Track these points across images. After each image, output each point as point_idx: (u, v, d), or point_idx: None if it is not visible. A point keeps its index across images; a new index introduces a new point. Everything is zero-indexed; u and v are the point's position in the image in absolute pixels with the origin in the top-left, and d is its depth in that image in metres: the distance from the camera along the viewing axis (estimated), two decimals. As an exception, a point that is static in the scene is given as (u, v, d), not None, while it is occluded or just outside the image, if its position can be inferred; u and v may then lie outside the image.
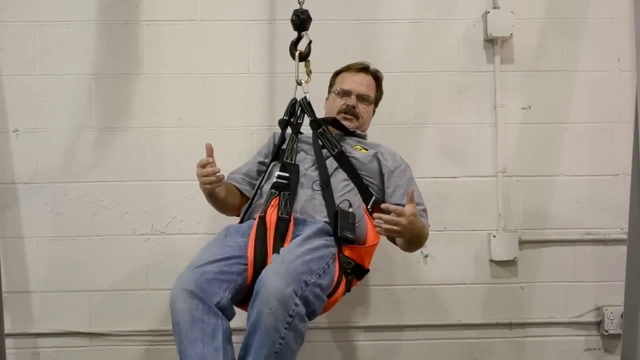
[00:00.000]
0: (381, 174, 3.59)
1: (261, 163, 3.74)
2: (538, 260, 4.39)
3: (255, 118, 4.36)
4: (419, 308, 4.35)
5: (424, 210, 3.50)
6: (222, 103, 4.37)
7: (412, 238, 3.28)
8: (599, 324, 4.39)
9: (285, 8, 4.28)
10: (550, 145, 4.43)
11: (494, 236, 4.33)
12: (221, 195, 3.49)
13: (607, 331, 4.34)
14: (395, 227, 3.05)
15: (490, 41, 4.43)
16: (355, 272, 3.29)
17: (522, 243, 4.37)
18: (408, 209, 3.08)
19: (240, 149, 4.27)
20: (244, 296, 3.04)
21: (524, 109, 4.44)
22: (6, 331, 4.06)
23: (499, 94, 4.41)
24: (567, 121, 4.44)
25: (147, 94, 4.36)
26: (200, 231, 4.29)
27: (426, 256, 4.33)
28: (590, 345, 4.39)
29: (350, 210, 3.30)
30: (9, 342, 4.11)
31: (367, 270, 3.41)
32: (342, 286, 3.17)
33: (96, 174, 4.31)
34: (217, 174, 3.29)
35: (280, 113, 3.94)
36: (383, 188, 3.57)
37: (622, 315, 3.97)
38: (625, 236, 3.96)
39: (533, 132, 4.43)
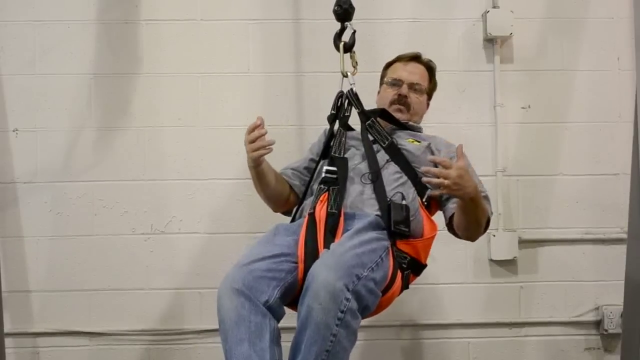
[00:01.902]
0: (435, 166, 3.28)
1: (312, 160, 3.56)
2: (537, 260, 4.39)
3: (255, 117, 4.33)
4: (419, 307, 4.36)
5: (486, 197, 3.27)
6: (222, 102, 4.37)
7: (468, 205, 3.06)
8: (598, 324, 4.39)
9: (285, 8, 4.32)
10: (549, 144, 4.43)
11: (494, 235, 4.33)
12: (270, 179, 3.35)
13: (606, 330, 4.35)
14: (444, 181, 2.87)
15: (489, 41, 4.43)
16: (411, 267, 3.14)
17: (522, 242, 4.37)
18: (457, 163, 2.94)
19: (240, 148, 4.19)
20: (295, 296, 2.89)
21: (523, 108, 4.44)
22: (6, 330, 4.08)
23: (499, 93, 4.41)
24: (566, 120, 4.44)
25: (146, 94, 4.37)
26: (200, 230, 4.30)
27: (426, 255, 4.33)
28: (589, 345, 4.39)
29: (404, 202, 3.15)
30: (8, 342, 4.12)
31: (425, 265, 3.25)
32: (399, 281, 3.02)
33: (96, 173, 4.32)
34: (268, 139, 3.12)
35: (279, 112, 3.96)
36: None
37: (621, 314, 3.97)
38: (624, 235, 3.97)
39: (533, 132, 4.43)
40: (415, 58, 3.68)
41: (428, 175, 2.95)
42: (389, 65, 3.73)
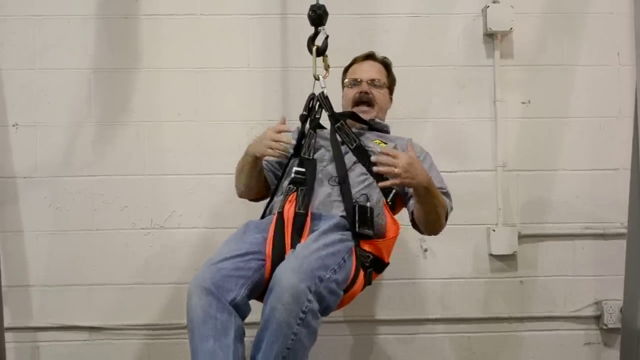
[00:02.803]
0: None
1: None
2: (537, 255, 4.39)
3: (255, 113, 4.36)
4: (418, 302, 4.36)
5: (446, 193, 3.44)
6: (222, 98, 4.37)
7: (423, 195, 3.20)
8: (598, 318, 4.39)
9: (285, 3, 4.32)
10: (549, 139, 4.43)
11: (494, 230, 4.33)
12: (258, 171, 3.52)
13: (606, 325, 4.35)
14: (394, 169, 3.05)
15: (490, 36, 4.43)
16: (374, 265, 3.24)
17: (522, 237, 4.37)
18: (406, 153, 3.12)
19: (240, 143, 4.24)
20: (262, 291, 2.99)
21: (523, 103, 4.44)
22: (6, 325, 4.07)
23: (499, 88, 4.41)
24: (566, 116, 4.44)
25: (146, 89, 4.37)
26: (199, 225, 4.30)
27: (425, 250, 4.34)
28: (589, 340, 4.39)
29: (368, 204, 3.26)
30: (8, 336, 4.12)
31: (387, 264, 3.36)
32: (361, 279, 3.15)
33: (96, 168, 4.32)
34: (286, 146, 3.31)
35: (279, 107, 3.97)
36: None
37: (621, 309, 3.98)
38: (624, 230, 3.97)
39: (533, 127, 4.43)
40: (370, 57, 3.85)
41: (379, 165, 3.10)
42: (346, 69, 3.89)
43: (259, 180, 3.58)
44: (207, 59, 4.39)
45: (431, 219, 3.36)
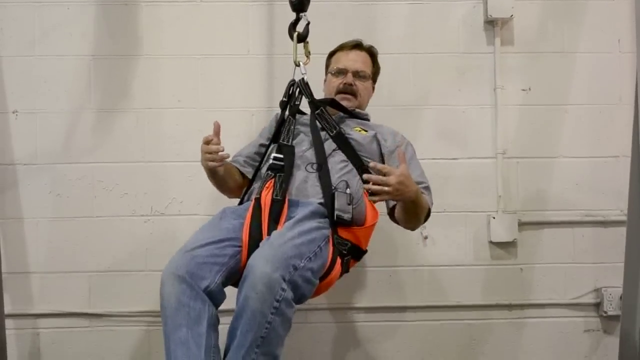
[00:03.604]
0: (381, 155, 3.56)
1: (262, 145, 3.70)
2: (537, 242, 4.40)
3: (255, 99, 4.36)
4: (419, 289, 4.36)
5: (427, 187, 3.47)
6: (222, 84, 4.37)
7: (408, 205, 3.28)
8: (598, 306, 4.40)
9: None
10: (550, 127, 4.43)
11: (494, 218, 4.33)
12: (222, 175, 3.49)
13: (606, 312, 4.35)
14: (385, 188, 3.04)
15: (490, 23, 4.42)
16: (351, 253, 3.25)
17: (522, 225, 4.37)
18: (399, 169, 3.09)
19: (240, 130, 4.27)
20: (238, 278, 2.97)
21: (524, 90, 4.44)
22: (6, 312, 4.08)
23: (499, 75, 4.40)
24: (567, 103, 4.43)
25: (146, 76, 4.36)
26: (200, 212, 4.30)
27: (425, 237, 4.34)
28: (589, 327, 4.40)
29: (348, 191, 3.27)
30: (9, 323, 4.12)
31: (365, 251, 3.37)
32: (338, 267, 3.13)
33: (96, 155, 4.32)
34: (221, 153, 3.27)
35: (279, 94, 3.94)
36: None
37: (621, 296, 3.98)
38: (624, 218, 3.97)
39: (533, 114, 4.43)
40: (357, 46, 3.83)
41: (368, 182, 3.10)
42: (331, 54, 3.89)
43: (228, 183, 3.59)
44: (207, 45, 4.38)
45: (411, 221, 3.44)
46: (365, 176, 3.12)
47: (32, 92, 4.32)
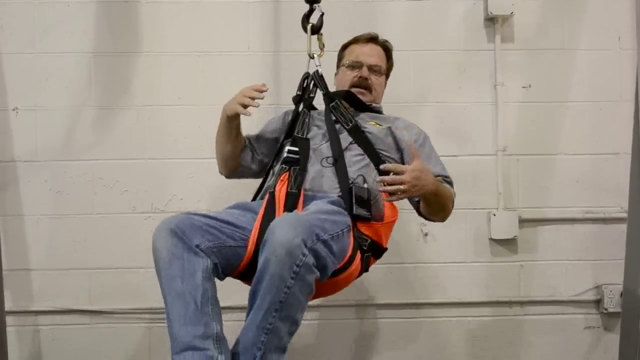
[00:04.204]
0: (399, 149, 3.46)
1: (262, 138, 3.63)
2: (538, 239, 4.40)
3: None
4: (419, 286, 4.36)
5: (449, 181, 3.38)
6: (222, 81, 4.36)
7: (431, 199, 3.18)
8: (598, 303, 4.40)
9: (285, -14, 4.30)
10: (550, 124, 4.43)
11: (494, 215, 4.33)
12: (235, 134, 3.43)
13: (606, 309, 4.35)
14: (400, 187, 2.95)
15: (490, 20, 4.42)
16: (372, 250, 3.17)
17: (522, 221, 4.37)
18: (411, 165, 3.02)
19: (242, 127, 4.27)
20: (237, 269, 2.96)
21: (524, 87, 4.44)
22: (7, 309, 4.08)
23: (500, 72, 4.40)
24: (567, 100, 4.44)
25: (147, 73, 4.36)
26: (200, 209, 4.28)
27: (426, 234, 4.34)
28: (589, 324, 4.40)
29: (365, 186, 3.21)
30: (9, 320, 4.12)
31: (385, 249, 3.29)
32: (357, 262, 3.04)
33: (96, 152, 4.32)
34: (258, 100, 3.20)
35: (279, 91, 3.96)
36: (403, 163, 3.40)
37: (621, 293, 3.99)
38: (625, 215, 3.98)
39: (533, 111, 4.43)
40: (373, 39, 3.73)
41: (382, 183, 3.01)
42: (345, 46, 3.77)
43: (234, 144, 3.48)
44: (208, 42, 4.38)
45: (439, 213, 3.35)
46: (379, 179, 3.04)
47: (32, 89, 4.32)
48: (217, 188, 4.28)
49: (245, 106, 3.19)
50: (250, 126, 3.70)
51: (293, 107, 3.53)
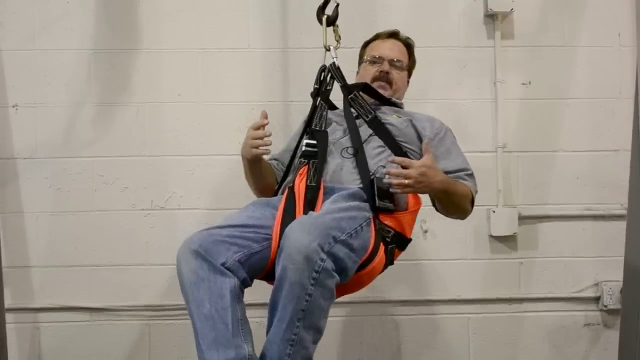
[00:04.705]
0: (420, 142, 3.36)
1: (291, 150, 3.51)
2: (537, 236, 4.40)
3: (255, 93, 4.35)
4: (419, 283, 4.36)
5: (469, 174, 3.36)
6: (222, 78, 4.36)
7: (439, 196, 3.17)
8: (598, 300, 4.40)
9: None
10: (550, 120, 4.43)
11: (494, 211, 4.33)
12: (261, 171, 3.34)
13: (606, 306, 4.36)
14: (404, 181, 2.94)
15: (490, 16, 4.42)
16: (396, 241, 3.10)
17: (522, 218, 4.37)
18: (419, 161, 3.00)
19: (240, 124, 4.26)
20: (265, 269, 2.89)
21: (524, 84, 4.44)
22: (6, 306, 4.08)
23: (499, 69, 4.40)
24: (567, 97, 4.44)
25: (146, 69, 4.36)
26: (200, 206, 4.30)
27: (425, 231, 4.34)
28: (589, 321, 4.40)
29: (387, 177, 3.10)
30: (9, 317, 4.12)
31: (410, 239, 3.22)
32: (381, 254, 2.97)
33: (96, 149, 4.32)
34: (267, 138, 3.11)
35: (280, 88, 3.95)
36: (422, 156, 3.26)
37: (621, 290, 3.99)
38: (624, 212, 3.97)
39: (533, 108, 4.43)
40: (394, 35, 3.67)
41: (388, 176, 2.99)
42: (367, 43, 3.72)
43: (265, 180, 3.40)
44: (207, 39, 4.38)
45: (452, 210, 3.33)
46: (384, 170, 3.04)
47: (32, 86, 4.32)
48: (217, 185, 4.28)
49: (258, 147, 3.13)
50: (254, 121, 3.69)
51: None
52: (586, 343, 4.41)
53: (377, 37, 3.69)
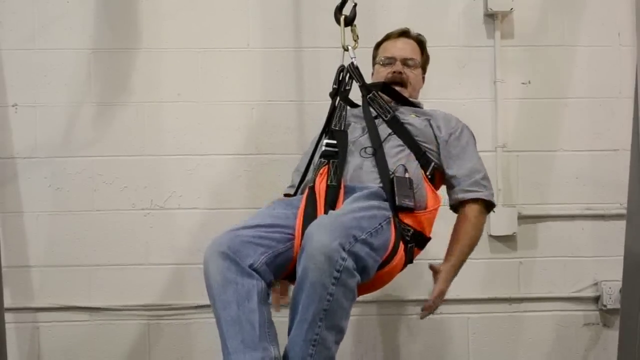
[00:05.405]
0: (437, 142, 3.38)
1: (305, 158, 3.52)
2: (537, 236, 4.40)
3: (255, 93, 4.35)
4: (418, 283, 4.35)
5: (484, 177, 3.38)
6: (222, 78, 4.36)
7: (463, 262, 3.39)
8: (597, 299, 4.41)
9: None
10: (550, 120, 4.43)
11: (493, 211, 4.30)
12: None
13: (605, 306, 4.36)
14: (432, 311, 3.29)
15: (490, 16, 4.42)
16: (415, 240, 3.11)
17: (522, 218, 4.38)
18: (434, 293, 3.26)
19: (240, 124, 4.27)
20: (289, 270, 2.87)
21: (523, 84, 4.44)
22: (6, 306, 4.07)
23: (499, 69, 4.41)
24: (567, 96, 4.44)
25: (146, 69, 4.36)
26: (199, 206, 4.30)
27: (425, 231, 4.34)
28: (588, 320, 4.41)
29: (407, 175, 3.13)
30: (8, 317, 4.12)
31: (429, 238, 3.24)
32: (401, 253, 2.98)
33: (95, 148, 4.32)
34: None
35: (279, 88, 3.94)
36: (439, 156, 3.37)
37: (620, 290, 3.99)
38: (624, 211, 3.96)
39: (533, 108, 4.43)
40: (404, 33, 3.65)
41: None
42: (379, 45, 3.70)
43: None
44: (207, 39, 4.38)
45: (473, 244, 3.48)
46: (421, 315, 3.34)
47: (31, 86, 4.33)
48: (217, 184, 4.29)
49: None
50: (253, 122, 3.69)
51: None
52: (585, 343, 4.41)
53: (388, 37, 3.68)
